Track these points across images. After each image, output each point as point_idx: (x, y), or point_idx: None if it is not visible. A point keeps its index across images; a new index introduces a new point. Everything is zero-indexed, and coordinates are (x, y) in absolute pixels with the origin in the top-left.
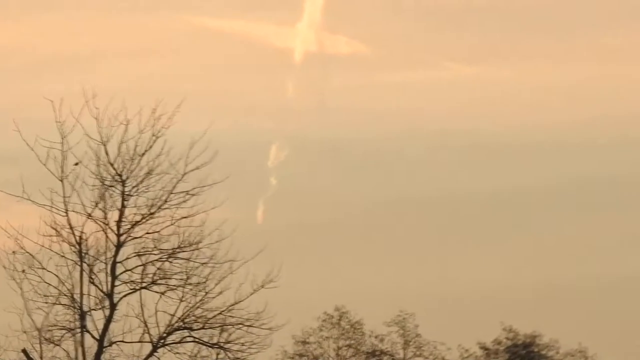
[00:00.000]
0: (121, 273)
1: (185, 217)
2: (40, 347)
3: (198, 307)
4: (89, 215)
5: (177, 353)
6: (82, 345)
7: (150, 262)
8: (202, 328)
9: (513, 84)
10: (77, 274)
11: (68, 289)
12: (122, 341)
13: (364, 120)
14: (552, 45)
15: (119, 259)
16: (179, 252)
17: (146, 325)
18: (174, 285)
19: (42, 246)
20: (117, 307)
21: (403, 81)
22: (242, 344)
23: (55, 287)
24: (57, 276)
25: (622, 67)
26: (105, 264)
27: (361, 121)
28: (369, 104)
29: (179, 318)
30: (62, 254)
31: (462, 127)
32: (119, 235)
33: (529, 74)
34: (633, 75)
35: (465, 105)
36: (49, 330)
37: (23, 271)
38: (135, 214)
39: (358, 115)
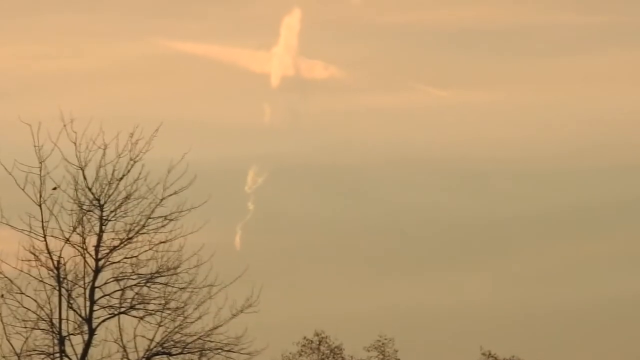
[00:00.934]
0: (100, 298)
1: (163, 242)
2: None
3: (177, 332)
4: (67, 240)
5: None
6: None
7: (129, 286)
8: (181, 353)
9: (490, 108)
10: (55, 299)
11: (47, 314)
12: None
13: (341, 145)
14: (531, 69)
15: (97, 283)
16: (157, 276)
17: (125, 350)
18: (152, 310)
19: (21, 271)
20: (96, 332)
21: (380, 105)
22: None
23: (34, 312)
24: (35, 301)
25: (610, 91)
26: (84, 288)
27: (338, 145)
28: (346, 128)
29: (158, 343)
30: (40, 279)
31: (439, 152)
32: (97, 260)
33: (506, 97)
34: (616, 98)
35: (442, 130)
36: (28, 355)
37: (2, 296)
38: (113, 238)
39: (335, 140)
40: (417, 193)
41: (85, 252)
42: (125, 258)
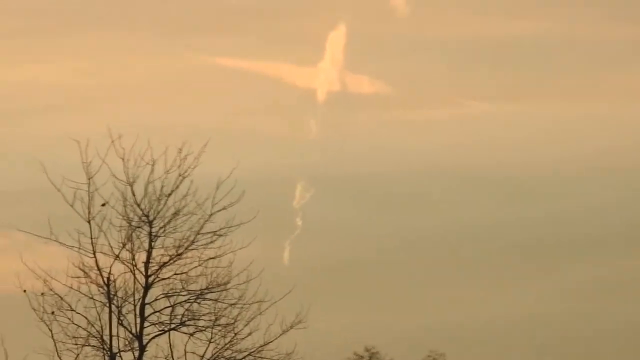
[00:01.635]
0: (150, 314)
1: (212, 258)
2: None
3: (227, 348)
4: (117, 257)
5: None
6: None
7: (179, 303)
8: None
9: (535, 121)
10: (105, 316)
11: (97, 331)
12: None
13: (388, 159)
14: (571, 82)
15: (147, 300)
16: (207, 292)
17: None
18: (202, 327)
19: (71, 288)
20: (147, 349)
21: (425, 119)
22: None
23: (84, 329)
24: (86, 318)
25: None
26: (134, 305)
27: (385, 159)
28: (392, 142)
29: (209, 359)
30: (90, 296)
31: (485, 164)
32: (147, 276)
33: (550, 110)
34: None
35: (487, 143)
36: None
37: (52, 313)
38: (162, 254)
39: (381, 154)
40: (468, 206)
41: (135, 268)
42: (175, 274)
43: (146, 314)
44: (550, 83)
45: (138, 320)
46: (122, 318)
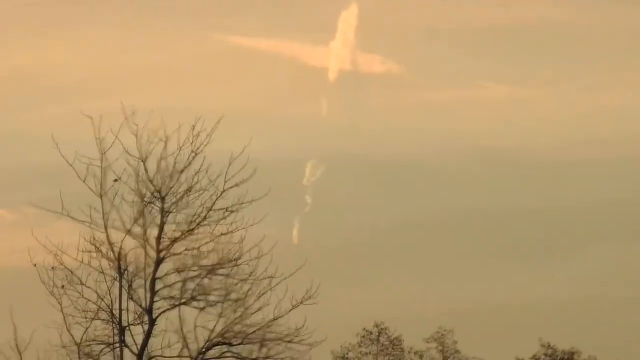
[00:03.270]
0: (160, 289)
1: (224, 234)
2: None
3: (237, 323)
4: (128, 232)
5: None
6: None
7: (190, 278)
8: (241, 343)
9: (545, 103)
10: (116, 290)
11: (107, 305)
12: (161, 356)
13: (398, 138)
14: (584, 66)
15: (158, 274)
16: (218, 268)
17: (185, 341)
18: (213, 301)
19: (82, 262)
20: (157, 323)
21: (436, 100)
22: (282, 359)
23: (95, 303)
24: (96, 292)
25: None
26: (145, 279)
27: (395, 139)
28: (403, 121)
29: (218, 333)
30: (101, 270)
31: (495, 144)
32: (158, 251)
33: (560, 93)
34: None
35: (498, 123)
36: (88, 346)
37: (62, 287)
38: (174, 230)
39: (392, 133)
40: (481, 187)
41: (146, 243)
42: (187, 250)
43: (157, 288)
44: (562, 66)
45: (148, 294)
46: (132, 292)
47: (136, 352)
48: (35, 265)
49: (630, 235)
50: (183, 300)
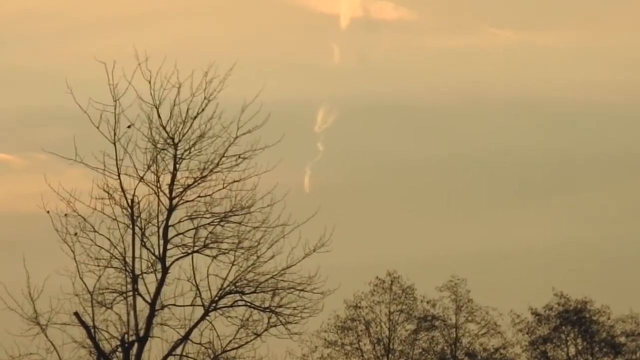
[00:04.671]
0: (173, 237)
1: (237, 181)
2: (92, 310)
3: (250, 271)
4: (141, 179)
5: (229, 317)
6: (134, 309)
7: (202, 225)
8: (254, 292)
9: (558, 49)
10: (129, 237)
11: (120, 252)
12: (174, 304)
13: (411, 85)
14: (595, 11)
15: (171, 222)
16: (231, 215)
17: (198, 289)
18: (225, 249)
19: (94, 209)
20: (169, 271)
21: (449, 46)
22: (294, 308)
23: (107, 251)
24: (109, 239)
25: None
26: (157, 227)
27: (408, 86)
28: (416, 69)
29: (231, 282)
30: (114, 217)
31: (508, 93)
32: (171, 198)
33: (573, 39)
34: None
35: (511, 71)
36: (101, 294)
37: (75, 234)
38: (187, 177)
39: (404, 80)
40: (487, 133)
41: (159, 190)
42: (199, 197)
43: (169, 236)
44: (574, 12)
45: (161, 242)
46: (145, 240)
47: (149, 300)
48: (48, 212)
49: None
50: (195, 248)
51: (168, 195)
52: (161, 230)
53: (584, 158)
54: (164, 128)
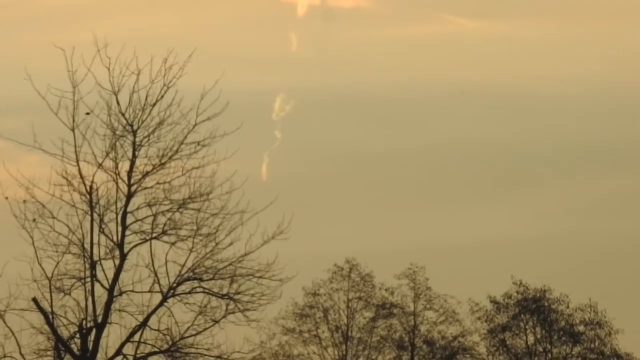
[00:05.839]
0: (132, 223)
1: (196, 168)
2: (51, 296)
3: (208, 258)
4: (100, 165)
5: (187, 303)
6: (92, 295)
7: (161, 212)
8: (212, 279)
9: (513, 38)
10: (87, 224)
11: (78, 239)
12: (132, 291)
13: (368, 75)
14: (557, 1)
15: (129, 209)
16: (190, 202)
17: (156, 275)
18: (184, 236)
19: (53, 196)
20: (128, 257)
21: (407, 36)
22: (252, 295)
23: (66, 237)
24: (67, 226)
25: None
26: (116, 213)
27: (365, 75)
28: (373, 58)
29: (189, 268)
30: (72, 204)
31: (465, 79)
32: (129, 185)
33: (528, 28)
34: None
35: (465, 58)
36: (59, 279)
37: (34, 220)
38: (146, 164)
39: (361, 70)
40: (446, 125)
41: (118, 177)
42: (158, 184)
43: (128, 222)
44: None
45: (119, 228)
46: (103, 226)
47: (107, 286)
48: (7, 198)
49: (600, 170)
50: (154, 235)
51: (127, 182)
52: (119, 216)
53: (544, 151)
54: (123, 115)
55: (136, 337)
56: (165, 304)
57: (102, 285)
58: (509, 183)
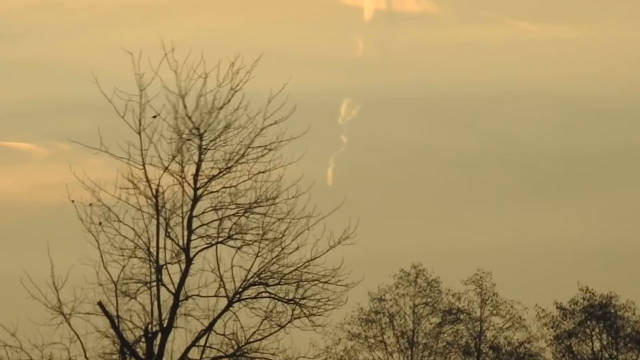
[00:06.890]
0: (197, 227)
1: (262, 172)
2: (116, 300)
3: (274, 263)
4: (166, 169)
5: (253, 308)
6: (158, 299)
7: (227, 216)
8: (278, 284)
9: (573, 41)
10: (153, 228)
11: (144, 242)
12: (198, 295)
13: (432, 77)
14: (615, 5)
15: (195, 212)
16: (256, 207)
17: (222, 280)
18: (250, 241)
19: (119, 199)
20: (193, 261)
21: (471, 39)
22: (318, 301)
23: (132, 240)
24: (133, 229)
25: None
26: (182, 217)
27: (430, 78)
28: (438, 61)
29: (255, 273)
30: (138, 207)
31: (529, 82)
32: (195, 189)
33: (589, 31)
34: None
35: (534, 64)
36: (125, 284)
37: (100, 224)
38: (212, 167)
39: (427, 73)
40: (512, 126)
41: (184, 181)
42: (224, 187)
43: (194, 226)
44: (592, 5)
45: (185, 232)
46: (169, 230)
47: (173, 290)
48: (73, 201)
49: None
50: (220, 239)
51: (193, 185)
52: (185, 220)
53: (616, 152)
54: (190, 118)
55: (202, 342)
56: (230, 308)
57: (167, 289)
58: (578, 184)
